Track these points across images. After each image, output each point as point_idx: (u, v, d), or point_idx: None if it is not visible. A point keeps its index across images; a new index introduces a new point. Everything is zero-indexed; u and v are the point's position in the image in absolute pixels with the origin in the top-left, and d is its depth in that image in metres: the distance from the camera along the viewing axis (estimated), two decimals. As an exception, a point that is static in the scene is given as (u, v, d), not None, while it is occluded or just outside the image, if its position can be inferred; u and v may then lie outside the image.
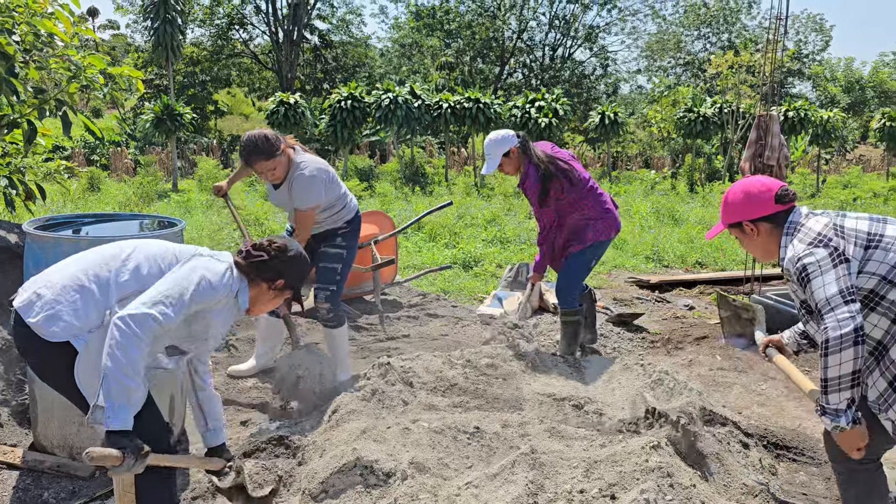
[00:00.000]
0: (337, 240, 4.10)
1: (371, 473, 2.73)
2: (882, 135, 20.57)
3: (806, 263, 2.20)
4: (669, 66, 41.22)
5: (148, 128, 17.24)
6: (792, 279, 2.28)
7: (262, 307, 2.56)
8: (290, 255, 2.51)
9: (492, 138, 4.37)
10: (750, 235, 2.43)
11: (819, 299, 2.15)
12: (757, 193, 2.39)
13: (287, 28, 34.74)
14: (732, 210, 2.45)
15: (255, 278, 2.47)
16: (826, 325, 2.11)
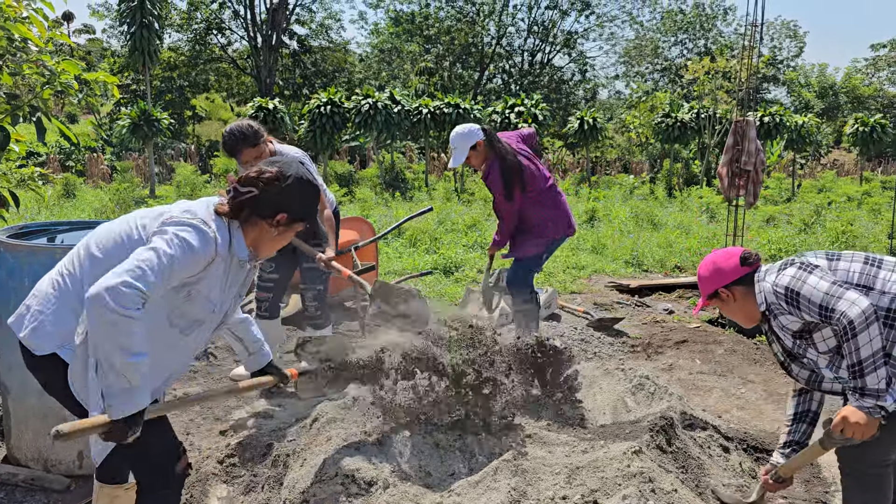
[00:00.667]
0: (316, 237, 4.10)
1: (353, 482, 2.71)
2: (855, 140, 20.92)
3: (785, 284, 2.35)
4: (647, 72, 41.64)
5: (124, 133, 17.05)
6: (781, 309, 2.38)
7: (269, 247, 2.23)
8: (287, 183, 2.14)
9: (458, 131, 4.40)
10: (727, 301, 2.57)
11: (819, 297, 2.24)
12: (723, 261, 2.58)
13: (266, 33, 34.58)
14: (707, 282, 2.61)
15: (249, 217, 2.13)
16: (841, 310, 2.18)
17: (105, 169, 19.53)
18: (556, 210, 4.46)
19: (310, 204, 2.25)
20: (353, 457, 2.81)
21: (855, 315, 2.15)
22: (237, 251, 2.12)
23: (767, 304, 2.43)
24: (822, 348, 2.38)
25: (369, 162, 23.53)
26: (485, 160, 4.40)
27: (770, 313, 2.44)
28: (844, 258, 2.40)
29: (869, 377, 2.17)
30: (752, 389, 4.45)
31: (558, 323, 5.83)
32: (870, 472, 2.45)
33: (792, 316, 2.37)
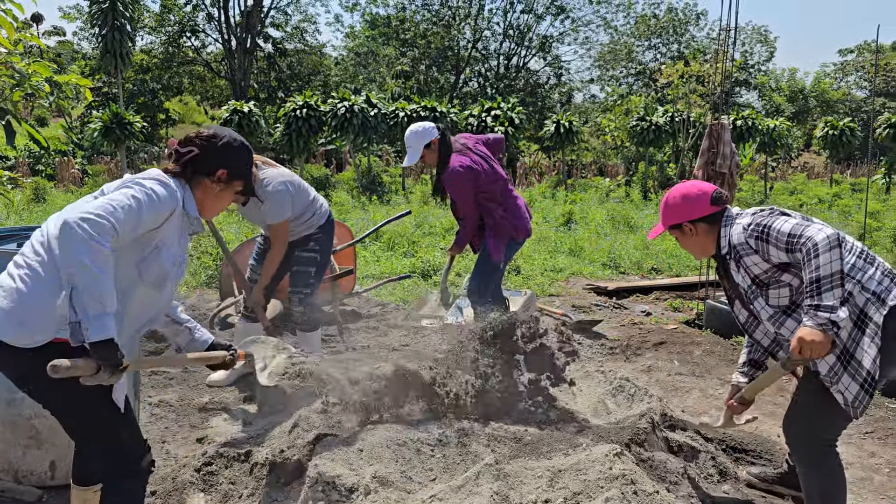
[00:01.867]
0: (310, 244, 4.11)
1: (333, 489, 2.67)
2: (825, 143, 21.29)
3: (758, 221, 2.47)
4: (622, 76, 42.02)
5: (96, 137, 16.78)
6: (748, 249, 2.49)
7: (213, 206, 2.38)
8: (222, 141, 2.32)
9: (413, 129, 4.39)
10: (689, 235, 2.69)
11: (789, 227, 2.36)
12: (695, 196, 2.65)
13: (240, 36, 34.32)
14: (673, 213, 2.69)
15: (194, 177, 2.28)
16: (808, 234, 2.30)
17: (76, 173, 19.21)
18: (510, 211, 4.44)
19: (246, 162, 2.40)
20: (333, 462, 2.78)
21: (821, 238, 2.27)
22: (188, 207, 2.26)
23: (733, 245, 2.55)
24: (772, 302, 2.53)
25: (346, 165, 23.43)
26: (439, 159, 4.38)
27: (731, 258, 2.57)
28: (816, 223, 2.43)
29: (825, 294, 2.24)
30: (727, 389, 4.48)
31: (537, 326, 5.83)
32: (820, 451, 2.56)
33: (757, 256, 2.48)
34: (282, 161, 22.89)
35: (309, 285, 4.12)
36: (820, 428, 2.55)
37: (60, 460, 3.00)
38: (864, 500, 3.13)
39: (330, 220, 4.21)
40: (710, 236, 2.65)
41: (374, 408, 3.26)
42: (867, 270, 2.42)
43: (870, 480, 3.32)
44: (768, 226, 2.42)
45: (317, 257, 4.12)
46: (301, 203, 3.98)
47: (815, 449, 2.57)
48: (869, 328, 2.36)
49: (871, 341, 2.34)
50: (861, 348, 2.37)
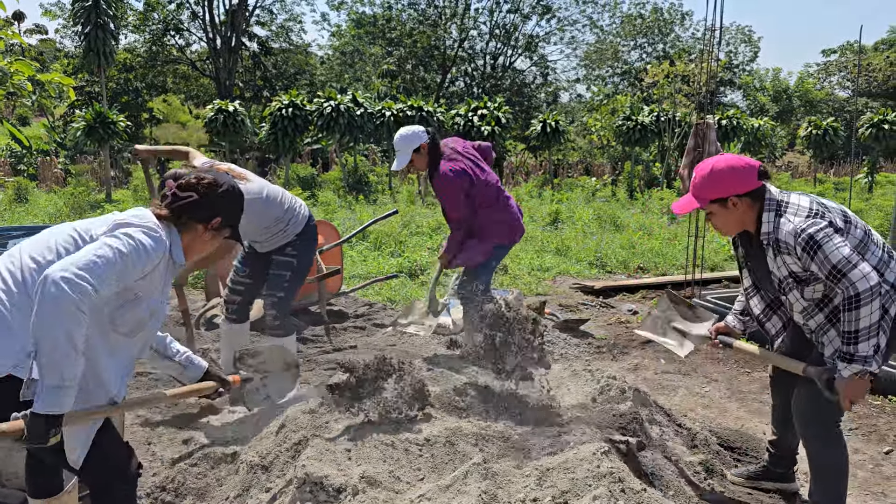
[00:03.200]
0: (287, 249, 4.00)
1: (321, 490, 2.66)
2: (809, 142, 21.48)
3: (812, 233, 2.39)
4: (607, 76, 42.19)
5: (79, 136, 16.63)
6: (792, 251, 2.44)
7: (199, 250, 2.35)
8: (222, 189, 2.29)
9: (402, 134, 4.37)
10: (731, 210, 2.56)
11: (838, 260, 2.34)
12: (742, 169, 2.53)
13: (225, 34, 34.11)
14: (719, 184, 2.53)
15: (187, 221, 2.24)
16: (852, 280, 2.32)
17: (59, 172, 19.03)
18: (503, 214, 4.44)
19: (239, 210, 2.40)
20: (320, 463, 2.76)
21: (863, 289, 2.30)
22: (175, 255, 2.21)
23: (777, 238, 2.48)
24: (807, 296, 2.52)
25: (332, 165, 23.36)
26: (428, 164, 4.36)
27: (774, 246, 2.50)
28: (854, 223, 2.50)
29: (861, 345, 2.33)
30: (715, 388, 4.52)
31: (524, 325, 5.84)
32: (826, 430, 2.65)
33: (798, 260, 2.45)
34: (267, 160, 22.79)
35: (283, 289, 4.00)
36: (827, 409, 2.61)
37: (44, 463, 2.97)
38: (849, 495, 3.16)
39: (309, 225, 4.09)
40: (751, 212, 2.56)
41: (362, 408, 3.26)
42: (889, 264, 2.50)
43: (854, 476, 3.35)
44: (819, 245, 2.37)
45: (293, 262, 4.00)
46: (270, 217, 3.85)
47: (823, 429, 2.66)
48: (884, 320, 2.43)
49: (883, 333, 2.43)
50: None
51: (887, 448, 3.63)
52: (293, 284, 4.05)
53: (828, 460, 2.68)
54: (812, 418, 2.66)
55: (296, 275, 4.05)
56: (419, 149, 4.32)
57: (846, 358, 2.36)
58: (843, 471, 2.69)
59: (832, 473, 2.69)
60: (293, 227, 4.00)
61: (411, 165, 4.40)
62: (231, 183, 2.34)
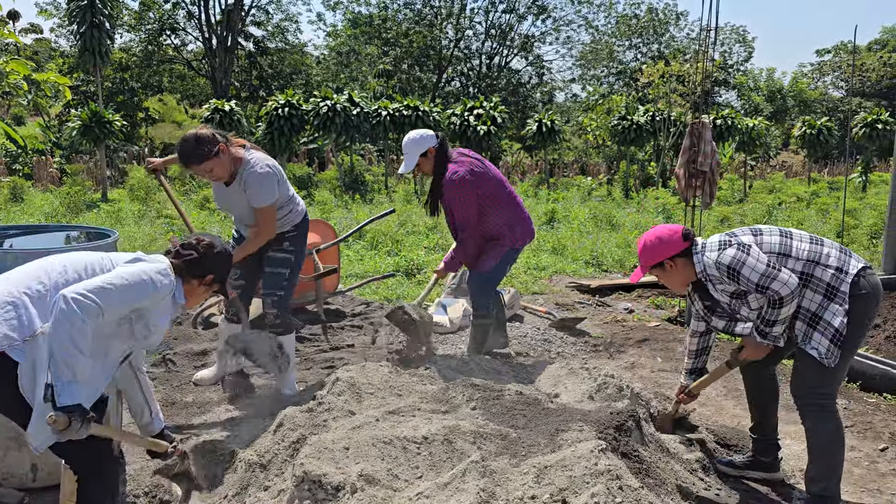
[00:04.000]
0: (284, 244, 3.98)
1: (319, 488, 2.67)
2: (803, 142, 21.54)
3: (727, 263, 2.86)
4: (603, 76, 42.25)
5: (74, 136, 16.56)
6: (722, 280, 2.92)
7: (194, 300, 2.71)
8: (216, 251, 2.65)
9: (410, 137, 4.36)
10: (669, 271, 3.04)
11: (758, 276, 2.79)
12: (668, 236, 3.01)
13: (221, 34, 34.04)
14: (652, 253, 3.03)
15: (185, 275, 2.59)
16: (775, 289, 2.77)
17: (54, 172, 18.97)
18: (513, 216, 4.44)
19: (227, 271, 2.76)
20: (319, 461, 2.77)
21: (785, 294, 2.77)
22: (178, 297, 2.57)
23: (707, 274, 2.95)
24: (754, 306, 2.95)
25: (328, 164, 23.33)
26: (434, 168, 4.35)
27: (708, 280, 2.97)
28: (765, 232, 2.96)
29: (776, 328, 2.88)
30: (712, 386, 4.52)
31: (521, 324, 5.85)
32: (821, 404, 2.90)
33: (729, 285, 2.92)
34: (263, 160, 22.66)
35: (283, 287, 3.99)
36: (822, 384, 2.90)
37: (42, 462, 2.97)
38: (845, 492, 3.18)
39: (305, 219, 4.10)
40: (689, 267, 3.01)
41: (360, 406, 3.26)
42: (822, 251, 2.89)
43: (849, 474, 3.37)
44: (738, 271, 2.83)
45: (290, 258, 3.99)
46: (284, 194, 3.87)
47: (817, 402, 2.90)
48: (837, 297, 2.83)
49: (840, 306, 2.81)
50: (830, 311, 2.83)
51: (882, 445, 3.65)
52: (291, 281, 4.05)
53: (824, 434, 2.89)
54: (808, 393, 2.91)
55: (293, 272, 4.05)
56: (426, 153, 4.31)
57: (762, 334, 2.91)
58: (838, 443, 2.89)
59: (828, 446, 2.88)
60: (294, 215, 3.99)
61: (418, 169, 4.38)
62: (223, 246, 2.70)
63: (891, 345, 5.21)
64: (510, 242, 4.44)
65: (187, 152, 3.56)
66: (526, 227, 4.52)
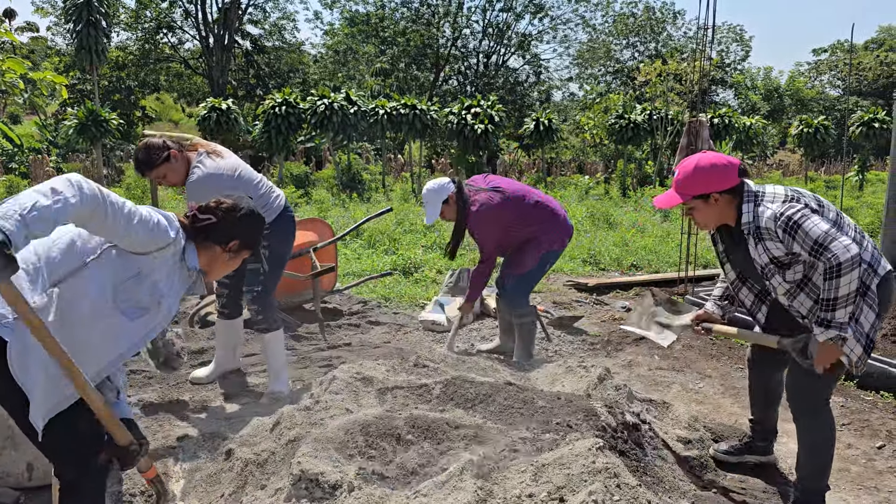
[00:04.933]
0: None
1: (317, 487, 2.66)
2: (800, 141, 21.57)
3: (790, 214, 2.56)
4: (600, 74, 42.26)
5: (71, 134, 16.54)
6: (774, 236, 2.60)
7: (220, 270, 2.46)
8: (241, 213, 2.39)
9: (429, 188, 4.50)
10: (713, 205, 2.72)
11: (818, 235, 2.49)
12: (724, 166, 2.69)
13: (218, 33, 33.99)
14: (702, 181, 2.69)
15: (205, 241, 2.34)
16: (834, 252, 2.46)
17: (51, 171, 18.92)
18: (545, 223, 4.51)
19: (258, 234, 2.50)
20: (316, 460, 2.76)
21: (845, 259, 2.44)
22: (188, 259, 2.30)
23: (757, 226, 2.64)
24: (788, 278, 2.67)
25: (325, 163, 23.31)
26: (458, 212, 4.47)
27: (751, 234, 2.66)
28: (826, 207, 2.68)
29: (839, 311, 2.48)
30: (709, 384, 4.54)
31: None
32: (818, 407, 2.82)
33: (780, 244, 2.61)
34: (260, 159, 22.67)
35: (259, 283, 3.96)
36: (820, 387, 2.78)
37: (38, 461, 2.96)
38: (842, 490, 3.18)
39: (284, 216, 4.01)
40: (731, 207, 2.72)
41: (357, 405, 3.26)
42: (863, 244, 2.65)
43: (847, 471, 3.37)
44: (799, 224, 2.53)
45: (265, 253, 3.94)
46: None
47: (815, 405, 2.82)
48: (868, 296, 2.60)
49: (870, 308, 2.59)
50: (863, 314, 2.59)
51: (880, 443, 3.65)
52: (270, 277, 3.99)
53: (817, 434, 2.83)
54: (804, 393, 2.81)
55: (272, 268, 3.98)
56: (447, 200, 4.44)
57: (823, 324, 2.52)
58: (830, 443, 2.86)
59: (820, 446, 2.84)
60: (267, 213, 3.90)
61: (442, 217, 4.53)
62: (250, 207, 2.44)
63: (888, 343, 5.22)
64: (546, 245, 4.52)
65: (138, 160, 3.69)
66: (561, 229, 4.58)
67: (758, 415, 3.32)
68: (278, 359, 4.08)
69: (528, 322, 4.64)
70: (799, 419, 2.88)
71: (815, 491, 2.88)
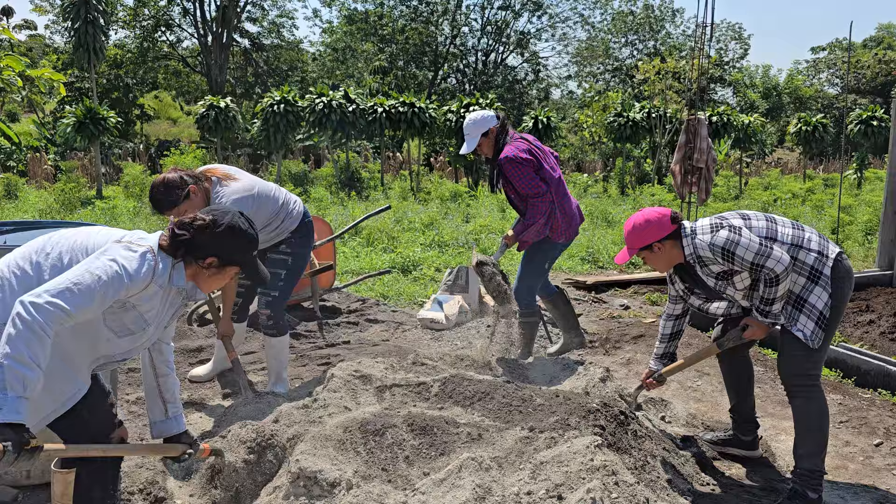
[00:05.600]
0: (281, 247, 3.99)
1: (315, 484, 2.66)
2: (798, 139, 21.56)
3: (721, 244, 2.93)
4: (599, 72, 42.24)
5: (69, 132, 16.51)
6: (714, 261, 2.98)
7: (207, 284, 2.41)
8: (218, 229, 2.31)
9: (471, 118, 4.39)
10: (658, 252, 3.09)
11: (752, 255, 2.87)
12: (657, 219, 3.05)
13: (216, 31, 33.94)
14: (641, 236, 3.06)
15: (185, 257, 2.31)
16: (769, 266, 2.85)
17: (49, 169, 18.91)
18: (562, 212, 4.42)
19: (241, 250, 2.39)
20: (314, 457, 2.76)
21: (780, 271, 2.86)
22: (175, 281, 2.30)
23: (698, 256, 3.01)
24: (739, 286, 3.05)
25: (324, 161, 23.29)
26: (495, 148, 4.36)
27: (696, 263, 3.03)
28: (752, 217, 3.06)
29: (775, 306, 2.97)
30: (707, 382, 4.54)
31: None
32: (808, 384, 3.01)
33: (721, 264, 2.98)
34: (259, 157, 22.67)
35: (278, 288, 3.97)
36: (808, 366, 3.00)
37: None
38: (840, 487, 3.19)
39: (304, 222, 4.06)
40: (675, 248, 3.07)
41: (356, 403, 3.26)
42: (804, 235, 3.02)
43: (845, 469, 3.38)
44: (732, 252, 2.91)
45: (287, 260, 3.98)
46: (265, 214, 3.81)
47: (806, 384, 3.01)
48: (821, 280, 2.96)
49: (823, 290, 2.95)
50: (814, 294, 2.96)
51: (877, 441, 3.66)
52: (288, 283, 4.02)
53: (813, 412, 2.99)
54: (795, 374, 3.01)
55: (290, 273, 4.03)
56: (488, 132, 4.35)
57: (762, 314, 3.00)
58: (825, 420, 3.01)
59: (816, 423, 2.99)
60: (288, 223, 3.97)
61: (478, 150, 4.40)
62: (232, 222, 2.35)
63: (885, 340, 5.23)
64: (552, 236, 4.41)
65: (157, 200, 3.54)
66: (572, 225, 4.49)
67: (734, 398, 3.47)
68: (281, 362, 4.09)
69: (532, 322, 4.63)
70: (793, 398, 3.06)
71: (813, 472, 2.96)
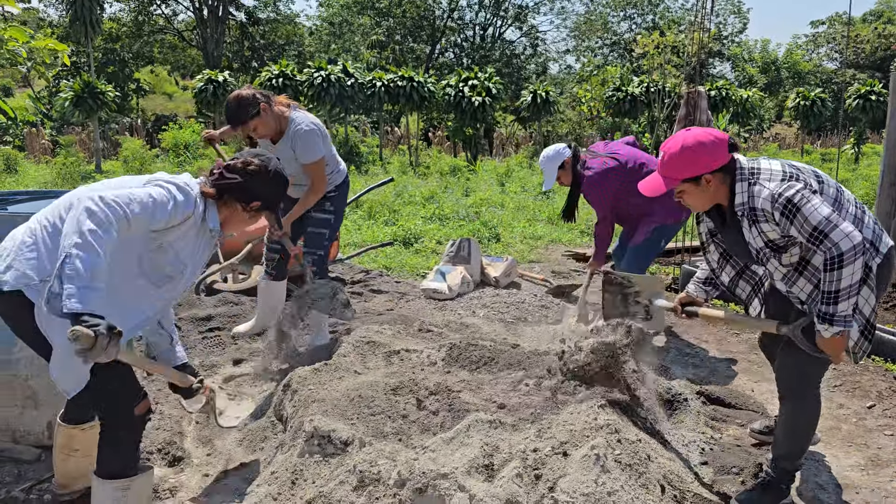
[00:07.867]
0: (326, 205, 4.09)
1: (329, 443, 2.76)
2: (797, 113, 21.57)
3: (789, 196, 2.28)
4: (597, 47, 41.97)
5: (66, 107, 16.45)
6: (770, 217, 2.34)
7: (237, 226, 2.52)
8: (270, 175, 2.46)
9: (545, 154, 4.60)
10: (704, 187, 2.44)
11: (818, 221, 2.22)
12: (712, 143, 2.40)
13: (212, 4, 33.60)
14: (689, 163, 2.41)
15: (227, 199, 2.41)
16: (834, 240, 2.21)
17: (46, 143, 18.86)
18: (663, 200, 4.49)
19: (280, 196, 2.57)
20: (328, 418, 2.86)
21: (846, 248, 2.19)
22: (209, 221, 2.37)
23: (752, 207, 2.36)
24: (785, 262, 2.44)
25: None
26: (573, 177, 4.55)
27: (745, 216, 2.40)
28: (825, 181, 2.43)
29: (842, 304, 2.24)
30: (707, 348, 4.65)
31: (519, 290, 5.95)
32: (810, 392, 2.66)
33: (776, 226, 2.34)
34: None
35: (323, 247, 4.14)
36: (812, 373, 2.64)
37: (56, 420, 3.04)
38: (833, 447, 3.30)
39: (346, 181, 4.21)
40: (724, 187, 2.43)
41: (365, 367, 3.35)
42: (864, 220, 2.44)
43: (838, 430, 3.49)
44: (798, 207, 2.26)
45: (330, 219, 4.12)
46: (327, 151, 3.97)
47: (803, 389, 2.67)
48: (870, 278, 2.37)
49: (871, 291, 2.37)
50: (863, 298, 2.37)
51: (870, 403, 3.78)
52: (330, 240, 4.19)
53: (801, 417, 2.70)
54: (796, 378, 2.66)
55: (333, 231, 4.19)
56: (563, 165, 4.52)
57: (826, 319, 2.27)
58: (812, 428, 2.74)
59: (805, 428, 2.71)
60: (337, 175, 4.11)
61: (559, 182, 4.60)
62: (277, 168, 2.49)
63: (879, 309, 5.33)
64: (660, 219, 4.51)
65: (230, 114, 3.71)
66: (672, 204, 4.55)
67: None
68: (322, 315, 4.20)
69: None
70: (785, 400, 2.73)
71: (790, 472, 2.76)
